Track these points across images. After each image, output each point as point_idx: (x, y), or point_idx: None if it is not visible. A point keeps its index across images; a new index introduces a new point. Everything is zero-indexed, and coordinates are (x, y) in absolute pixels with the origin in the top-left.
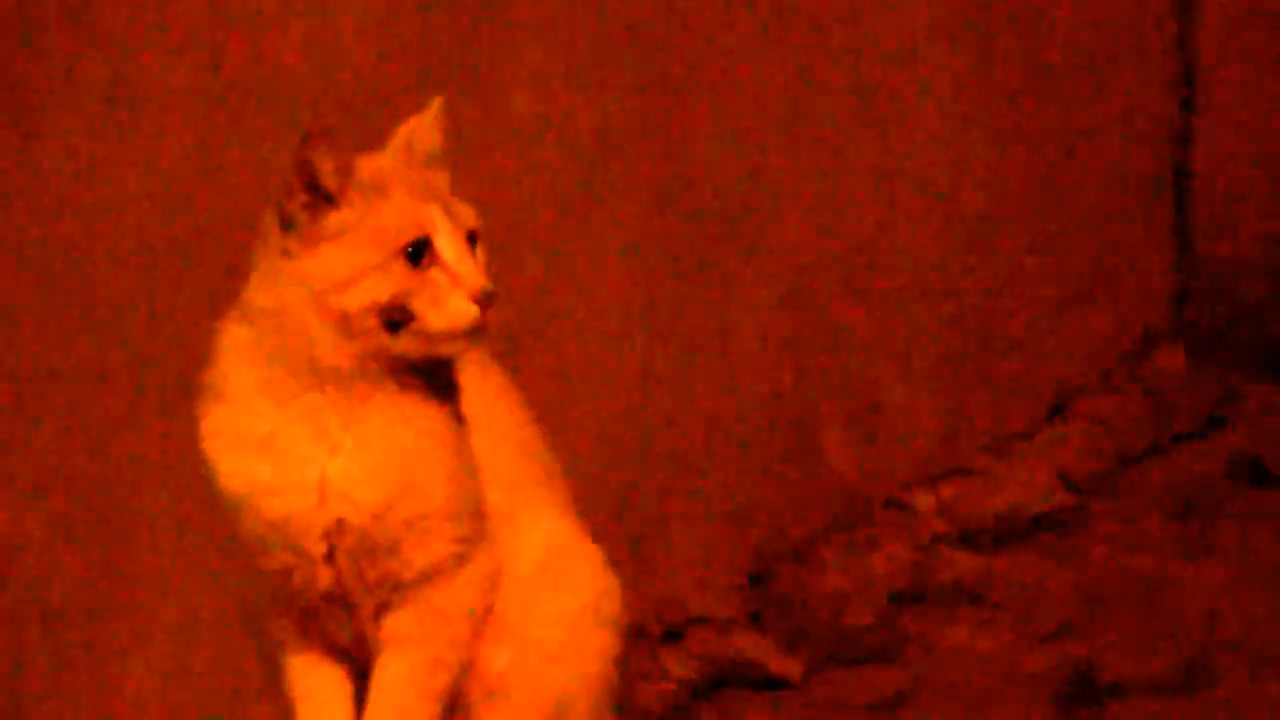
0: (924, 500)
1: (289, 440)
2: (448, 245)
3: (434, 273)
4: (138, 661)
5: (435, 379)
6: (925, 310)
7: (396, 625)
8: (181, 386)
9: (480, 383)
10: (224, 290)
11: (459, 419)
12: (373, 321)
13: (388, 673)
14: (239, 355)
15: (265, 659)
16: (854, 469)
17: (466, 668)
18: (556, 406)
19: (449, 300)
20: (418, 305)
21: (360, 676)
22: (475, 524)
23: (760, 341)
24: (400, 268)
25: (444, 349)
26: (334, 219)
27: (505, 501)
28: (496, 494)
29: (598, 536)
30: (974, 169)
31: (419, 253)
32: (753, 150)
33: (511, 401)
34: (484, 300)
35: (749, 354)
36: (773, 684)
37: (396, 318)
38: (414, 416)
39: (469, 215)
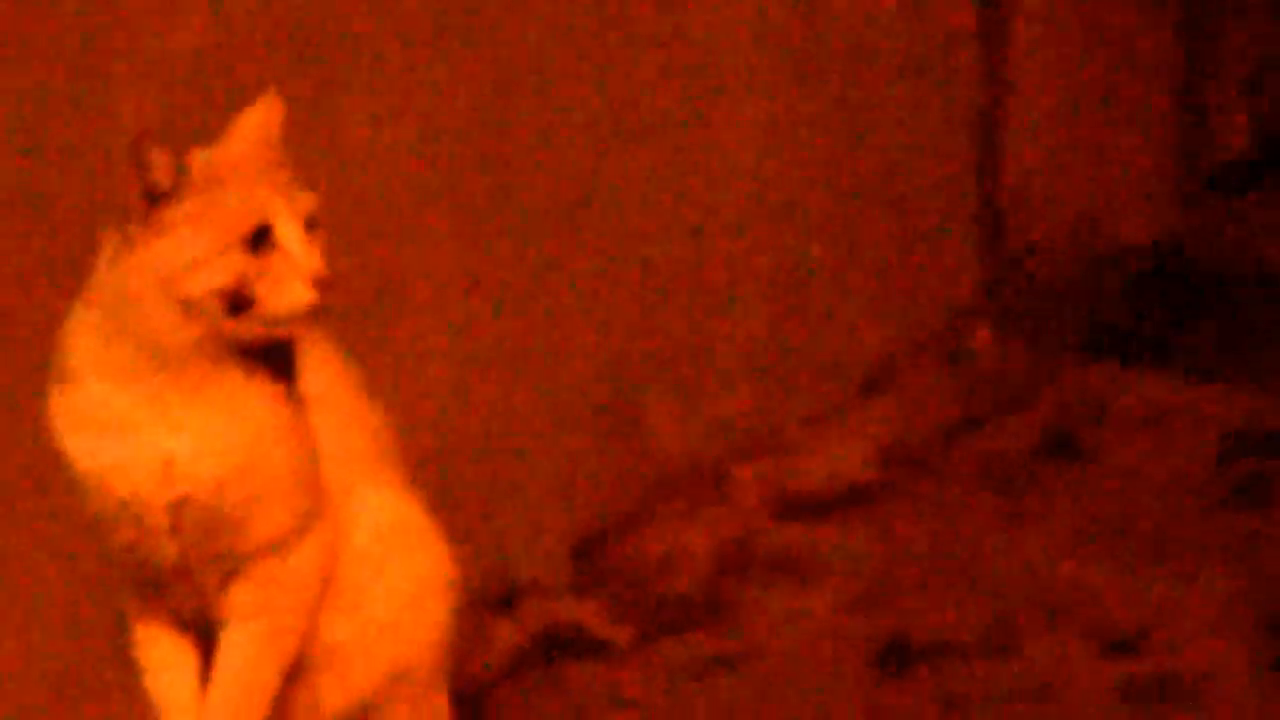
0: (744, 473)
1: (133, 419)
2: (287, 232)
3: (274, 258)
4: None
5: (274, 359)
6: (743, 291)
7: (239, 597)
8: (35, 367)
9: (318, 362)
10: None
11: (298, 397)
12: (214, 305)
13: (231, 643)
14: (86, 337)
15: (118, 635)
16: (677, 442)
17: (307, 638)
18: (390, 382)
19: (288, 285)
20: (259, 290)
21: (206, 647)
22: (313, 499)
23: (586, 319)
24: (241, 254)
25: (283, 331)
26: (172, 210)
27: (343, 476)
28: (334, 469)
29: (431, 508)
30: (788, 155)
31: (259, 239)
32: (581, 141)
33: (348, 379)
34: (321, 284)
35: (576, 332)
36: (601, 650)
37: (238, 302)
38: (254, 396)
39: (307, 201)
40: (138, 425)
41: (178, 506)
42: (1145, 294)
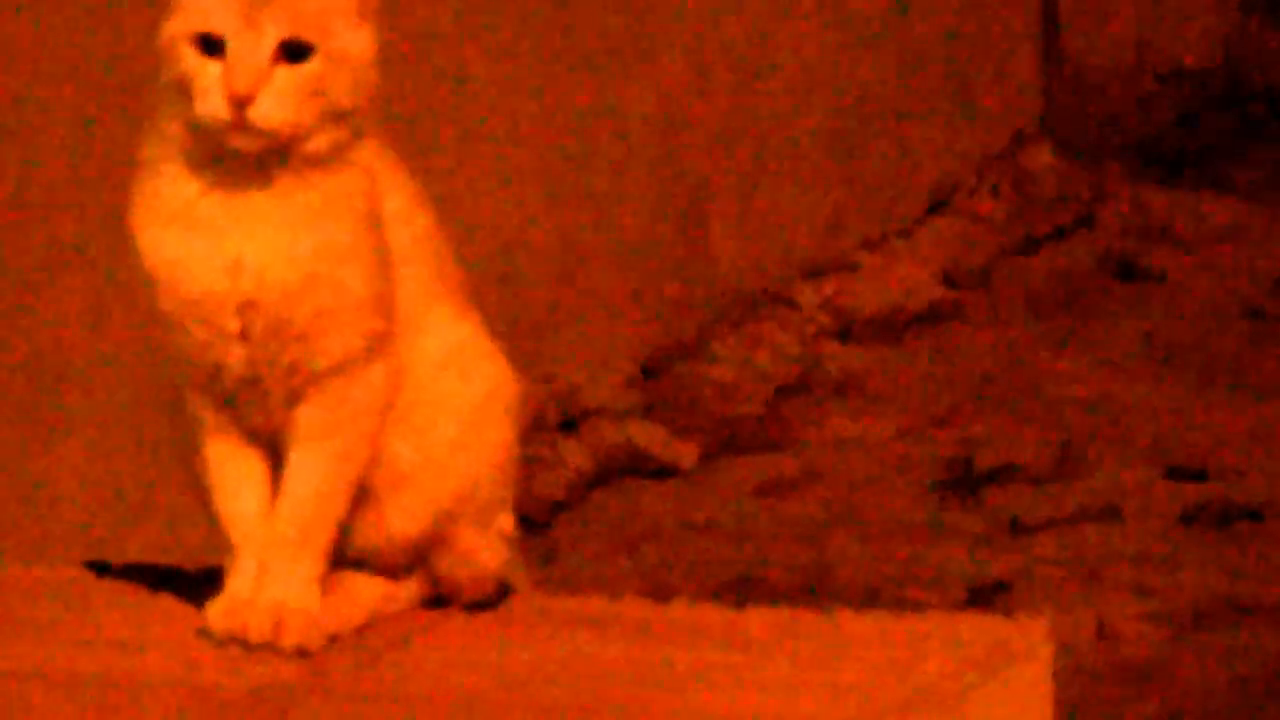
0: (807, 295)
1: (204, 213)
2: (230, 45)
3: (215, 64)
4: (56, 454)
5: (341, 177)
6: (807, 111)
7: (307, 417)
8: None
9: (393, 182)
10: None
11: (377, 218)
12: (176, 95)
13: (300, 462)
14: (167, 124)
15: (183, 445)
16: (741, 266)
17: (373, 459)
18: (457, 206)
19: (209, 93)
20: (193, 89)
21: (275, 464)
22: (385, 320)
23: (649, 142)
24: (192, 52)
25: (214, 137)
26: None
27: (411, 300)
28: (404, 293)
29: (497, 333)
30: None
31: (209, 44)
32: None
33: (421, 206)
34: (238, 101)
35: (641, 159)
36: (666, 472)
37: (187, 97)
38: (333, 208)
39: (294, 26)
40: (209, 220)
41: (246, 310)
42: (1202, 117)
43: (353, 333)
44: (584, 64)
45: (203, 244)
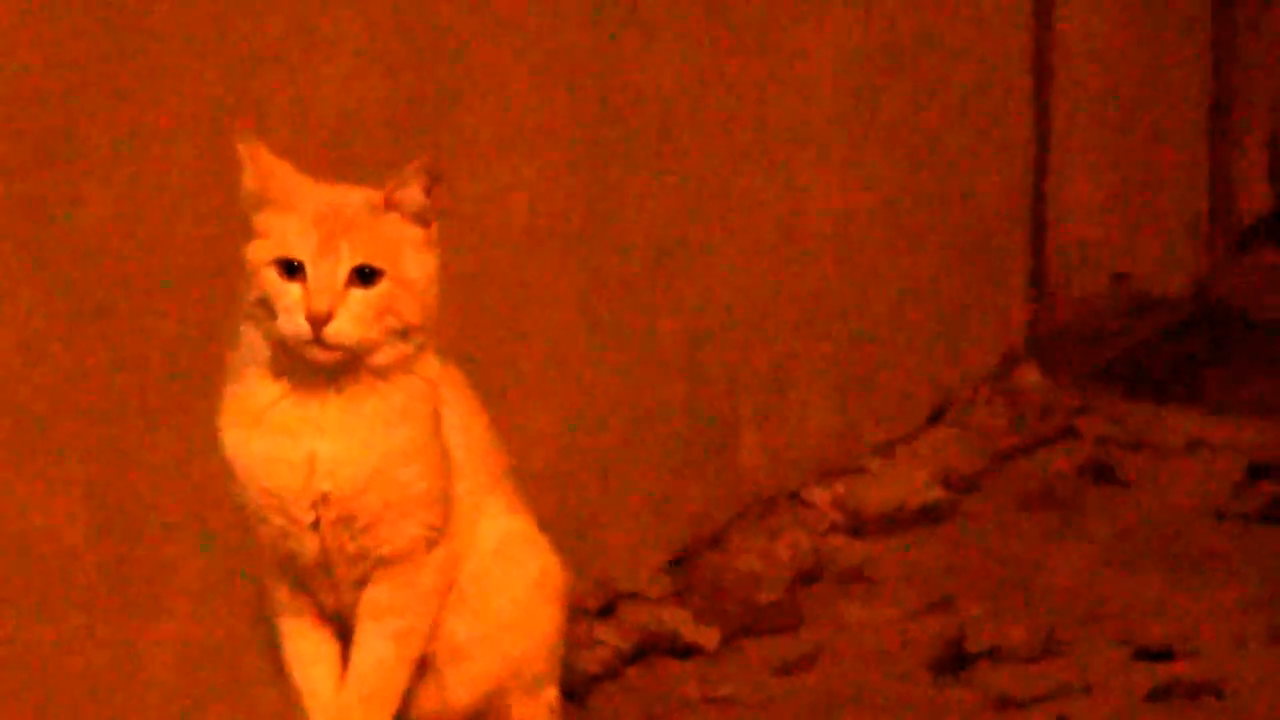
0: (821, 495)
1: (283, 417)
2: (310, 270)
3: (295, 286)
4: (154, 634)
5: (409, 388)
6: (820, 335)
7: (374, 598)
8: (201, 379)
9: (451, 390)
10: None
11: (436, 418)
12: (260, 312)
13: (366, 639)
14: (252, 336)
15: (265, 628)
16: (761, 468)
17: (433, 636)
18: (509, 412)
19: (292, 314)
20: (276, 308)
21: (344, 641)
22: (443, 515)
23: (680, 358)
24: (275, 273)
25: (294, 351)
26: (258, 217)
27: (469, 493)
28: (462, 486)
29: (543, 525)
30: (863, 211)
31: (290, 267)
32: (676, 196)
33: (476, 407)
34: (316, 321)
35: (670, 369)
36: (692, 651)
37: (270, 314)
38: (397, 414)
39: (358, 257)
40: (287, 423)
41: (319, 504)
42: (1178, 338)
43: (413, 525)
44: (623, 293)
45: (280, 443)
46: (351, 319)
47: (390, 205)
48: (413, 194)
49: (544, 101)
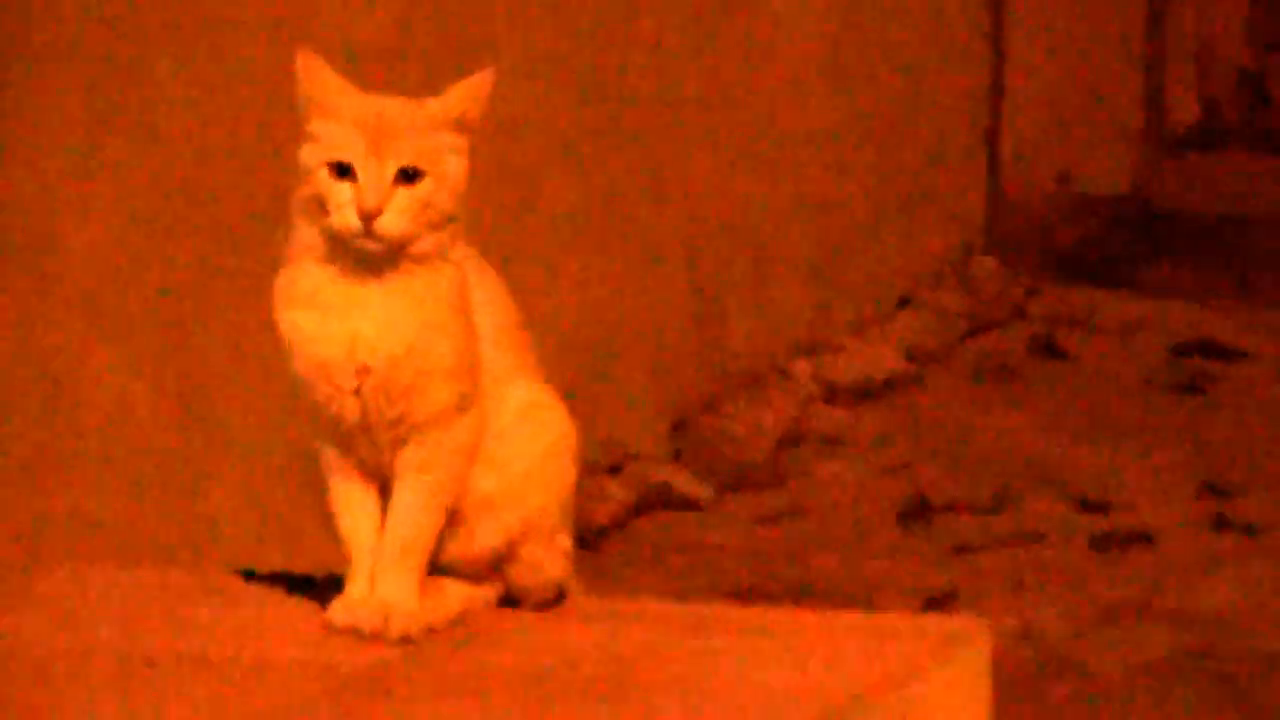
0: (801, 368)
1: (330, 299)
2: (360, 171)
3: (346, 185)
4: (218, 489)
5: (442, 273)
6: (801, 229)
7: (410, 456)
8: (257, 265)
9: (480, 275)
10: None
11: (465, 299)
12: (314, 208)
13: (404, 493)
14: (304, 229)
15: (315, 483)
16: (749, 343)
17: (462, 491)
18: (532, 296)
19: (344, 209)
20: (329, 205)
21: (384, 494)
22: (471, 383)
23: (680, 248)
24: (327, 174)
25: (347, 243)
26: (313, 123)
27: (494, 365)
28: (488, 359)
29: (560, 393)
30: (837, 122)
31: (342, 169)
32: (671, 115)
33: (501, 290)
34: (367, 216)
35: (671, 261)
36: (689, 505)
37: (322, 209)
38: (431, 295)
39: (405, 158)
40: (333, 304)
41: (361, 373)
42: (1116, 233)
43: (444, 392)
44: (629, 196)
45: (328, 322)
46: (397, 214)
47: (440, 115)
48: (460, 107)
49: (559, 37)
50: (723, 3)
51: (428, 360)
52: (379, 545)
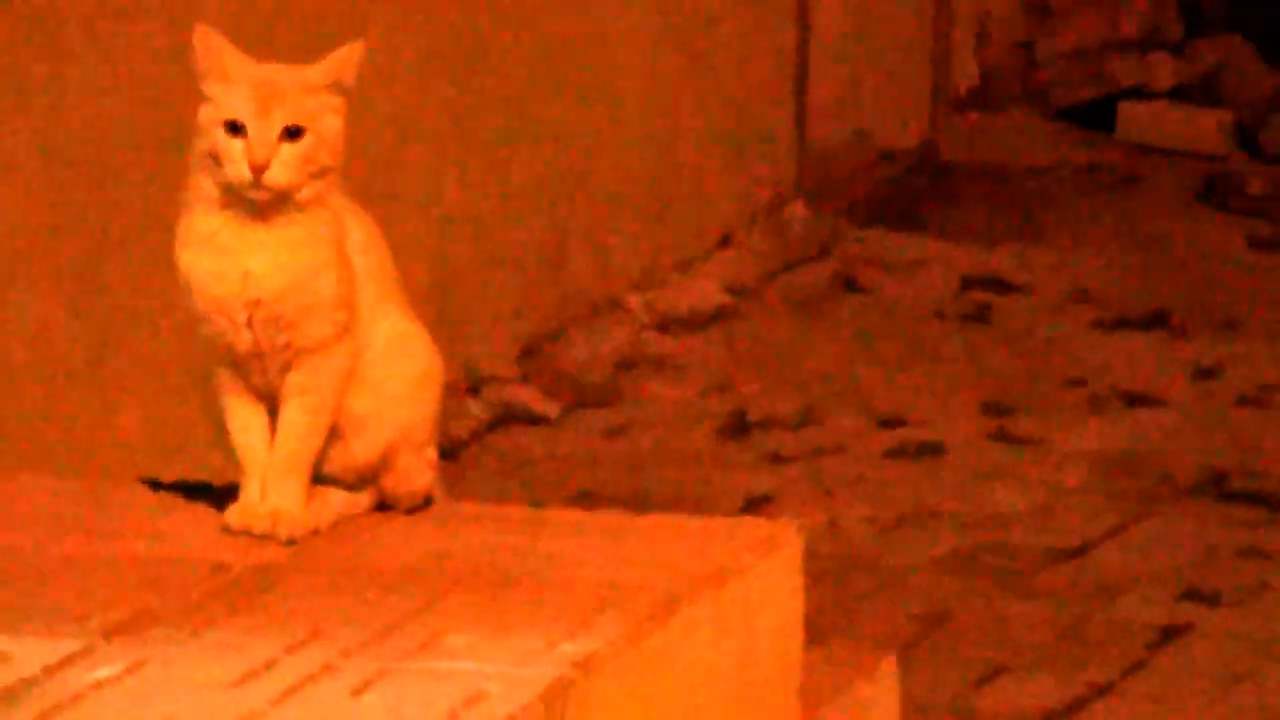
0: (635, 301)
1: (223, 241)
2: (250, 130)
3: (239, 141)
4: (127, 406)
5: (319, 216)
6: (635, 176)
7: (294, 380)
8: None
9: (355, 219)
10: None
11: (341, 240)
12: (209, 162)
13: (289, 412)
14: (194, 175)
15: (212, 403)
16: (590, 277)
17: (339, 410)
18: (397, 233)
19: (236, 162)
20: (223, 160)
21: (271, 414)
22: (348, 314)
23: (530, 194)
24: (222, 132)
25: (239, 192)
26: (205, 85)
27: (367, 299)
28: (362, 294)
29: (424, 323)
30: (666, 78)
31: (234, 127)
32: (525, 74)
33: (374, 232)
34: (255, 169)
35: (521, 203)
36: (538, 421)
37: (217, 163)
38: (311, 237)
39: (289, 117)
40: (226, 246)
41: (251, 306)
42: (908, 182)
43: (324, 322)
44: (485, 144)
45: (222, 261)
46: (282, 167)
47: (318, 79)
48: (336, 72)
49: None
50: None
51: (309, 294)
52: (269, 458)
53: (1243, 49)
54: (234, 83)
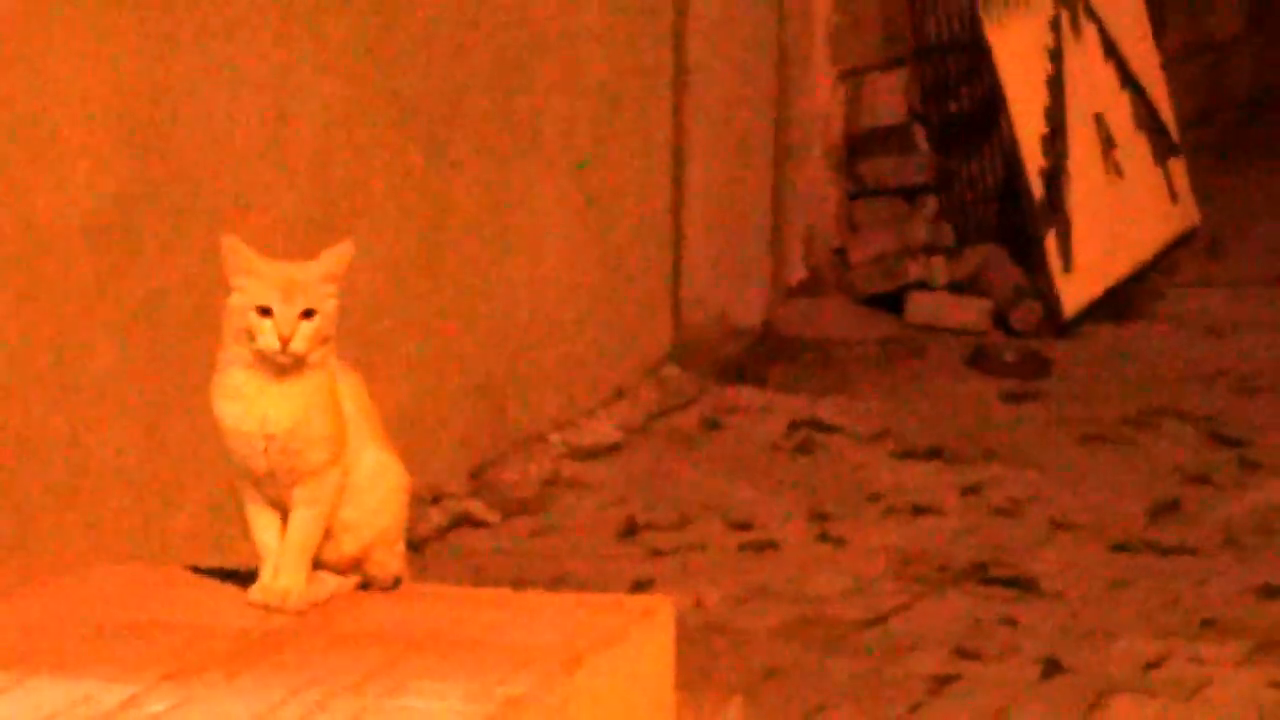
0: (555, 436)
1: (249, 393)
2: (278, 314)
3: (268, 321)
4: (182, 515)
5: (321, 373)
6: (557, 344)
7: (299, 494)
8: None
9: (344, 375)
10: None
11: (335, 391)
12: (244, 338)
13: (296, 517)
14: (227, 344)
15: (239, 509)
16: (522, 416)
17: (334, 516)
18: (374, 383)
19: (267, 335)
20: (256, 335)
21: (283, 519)
22: (340, 447)
23: (477, 355)
24: (254, 314)
25: (272, 361)
26: (236, 279)
27: (354, 435)
28: (351, 431)
29: (397, 451)
30: (581, 273)
31: (264, 310)
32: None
33: (359, 384)
34: (284, 342)
35: (466, 358)
36: (483, 525)
37: (250, 336)
38: (314, 387)
39: (305, 303)
40: (249, 396)
41: (268, 440)
42: (755, 350)
43: (321, 452)
44: (438, 316)
45: (248, 407)
46: (301, 339)
47: (322, 273)
48: (333, 267)
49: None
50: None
51: (310, 431)
52: (280, 550)
53: (998, 254)
54: (261, 277)
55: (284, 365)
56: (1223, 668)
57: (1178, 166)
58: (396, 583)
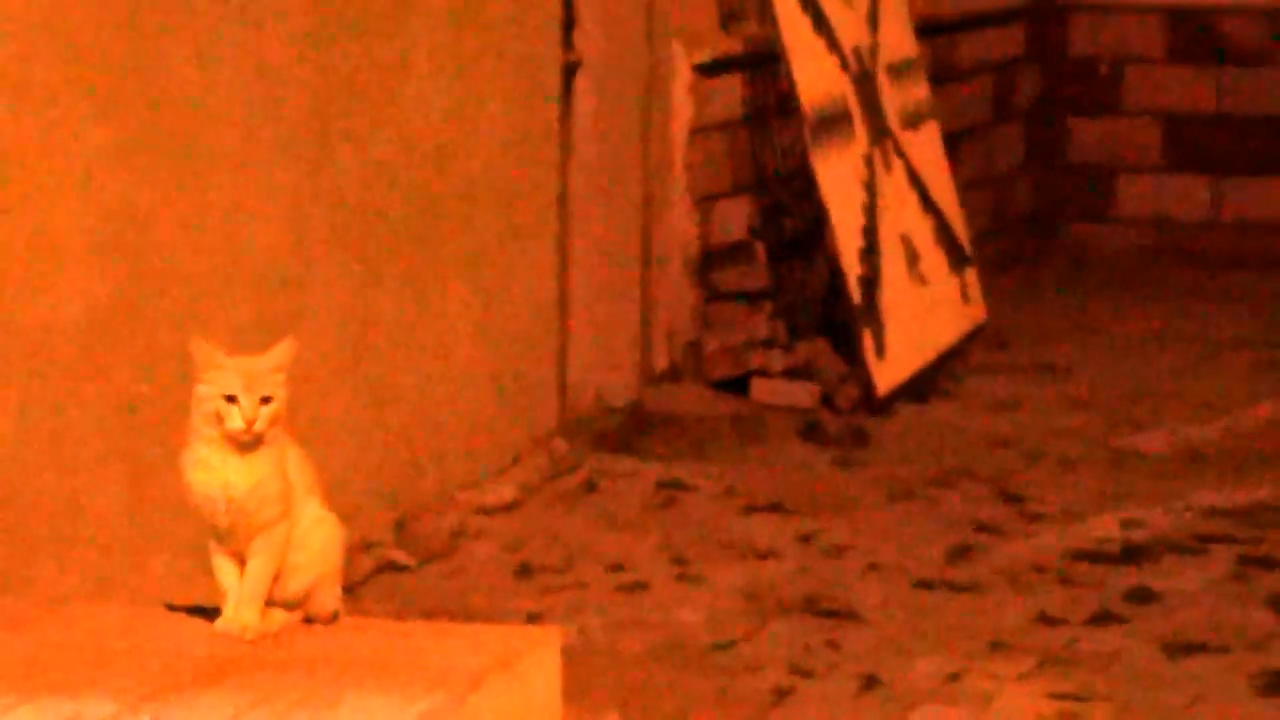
0: (463, 496)
1: (213, 462)
2: (241, 401)
3: (234, 406)
4: (163, 556)
5: (272, 446)
6: (462, 418)
7: (255, 545)
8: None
9: (290, 445)
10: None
11: (284, 458)
12: (212, 420)
13: (252, 563)
14: (195, 424)
15: (207, 557)
16: (435, 479)
17: (282, 561)
18: (317, 453)
19: (234, 420)
20: (224, 418)
21: (241, 565)
22: (288, 504)
23: (372, 423)
24: (222, 401)
25: (237, 439)
26: (203, 374)
27: (298, 494)
28: (295, 490)
29: (331, 505)
30: (482, 356)
31: (230, 398)
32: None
33: (302, 452)
34: (248, 424)
35: (375, 432)
36: (404, 569)
37: (220, 421)
38: (267, 456)
39: (264, 389)
40: (214, 466)
41: (229, 503)
42: (626, 424)
43: (273, 511)
44: (347, 387)
45: (212, 474)
46: (262, 421)
47: (274, 365)
48: (282, 360)
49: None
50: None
51: (263, 493)
52: (240, 590)
53: (824, 347)
54: (225, 370)
55: (246, 442)
56: (1010, 682)
57: (970, 274)
58: (334, 617)
